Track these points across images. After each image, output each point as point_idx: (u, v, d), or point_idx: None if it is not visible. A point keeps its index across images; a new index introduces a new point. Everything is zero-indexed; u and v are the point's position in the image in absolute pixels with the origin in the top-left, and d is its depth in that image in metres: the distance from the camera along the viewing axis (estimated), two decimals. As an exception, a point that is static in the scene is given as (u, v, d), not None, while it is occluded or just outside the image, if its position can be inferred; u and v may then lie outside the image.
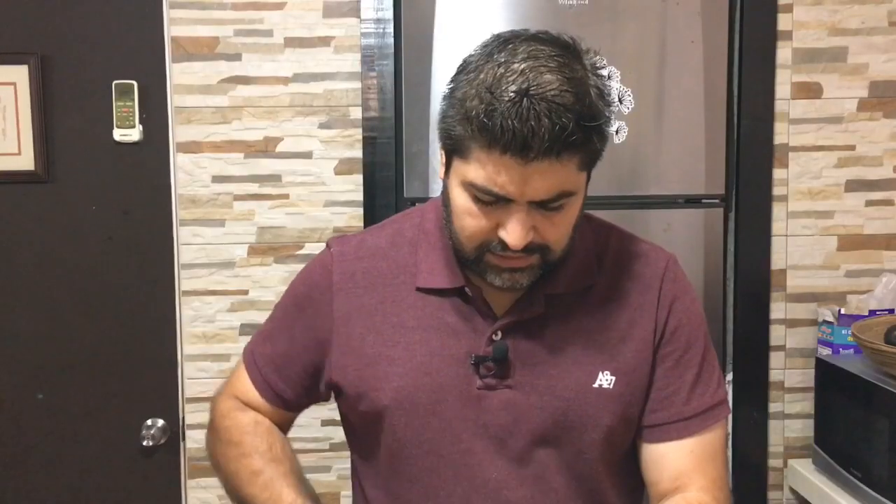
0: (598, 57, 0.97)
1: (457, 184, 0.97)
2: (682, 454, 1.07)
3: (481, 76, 0.92)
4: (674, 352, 1.08)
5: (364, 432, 1.12)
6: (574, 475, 1.06)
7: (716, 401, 1.09)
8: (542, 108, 0.88)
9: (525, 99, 0.88)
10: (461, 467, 1.05)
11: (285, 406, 1.17)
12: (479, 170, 0.93)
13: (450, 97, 0.96)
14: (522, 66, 0.90)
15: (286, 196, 1.97)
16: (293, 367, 1.14)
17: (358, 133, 1.95)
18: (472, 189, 0.94)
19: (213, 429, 1.19)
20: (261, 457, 1.10)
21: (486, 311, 1.05)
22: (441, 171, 1.02)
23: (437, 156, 1.16)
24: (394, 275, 1.09)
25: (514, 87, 0.88)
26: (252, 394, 1.16)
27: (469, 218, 0.97)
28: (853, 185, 1.99)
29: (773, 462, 2.02)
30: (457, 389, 1.04)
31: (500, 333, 1.04)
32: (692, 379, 1.08)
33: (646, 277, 1.09)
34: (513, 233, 0.94)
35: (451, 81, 0.97)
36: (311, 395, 1.16)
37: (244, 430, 1.13)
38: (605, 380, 1.04)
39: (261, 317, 1.95)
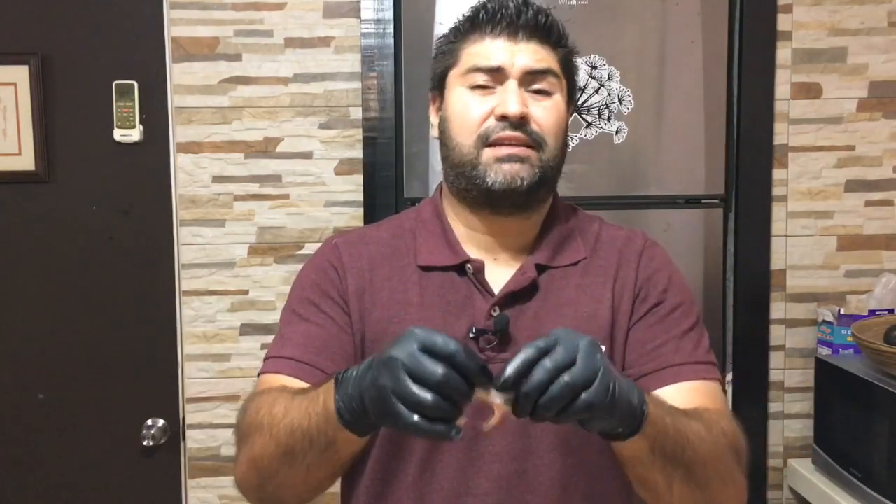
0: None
1: (455, 88, 1.09)
2: (686, 391, 1.06)
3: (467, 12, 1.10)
4: (658, 311, 1.11)
5: None
6: (569, 449, 1.07)
7: (707, 360, 1.10)
8: (524, 1, 1.06)
9: None
10: (458, 440, 1.06)
11: None
12: (472, 57, 1.06)
13: (440, 39, 1.13)
14: None
15: (286, 196, 1.97)
16: (336, 344, 1.08)
17: (358, 133, 1.95)
18: (469, 76, 1.06)
19: (240, 427, 1.03)
20: (290, 393, 0.99)
21: (485, 289, 1.09)
22: (433, 114, 1.16)
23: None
24: (397, 257, 1.13)
25: None
26: (294, 384, 1.03)
27: (467, 109, 1.06)
28: (853, 186, 1.99)
29: (773, 462, 2.03)
30: None
31: (497, 309, 1.07)
32: (679, 334, 1.10)
33: (626, 254, 1.14)
34: (510, 98, 1.03)
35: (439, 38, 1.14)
36: None
37: (270, 392, 1.01)
38: None
39: (261, 317, 1.96)
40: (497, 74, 1.05)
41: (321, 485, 1.02)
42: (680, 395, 1.05)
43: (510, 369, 0.79)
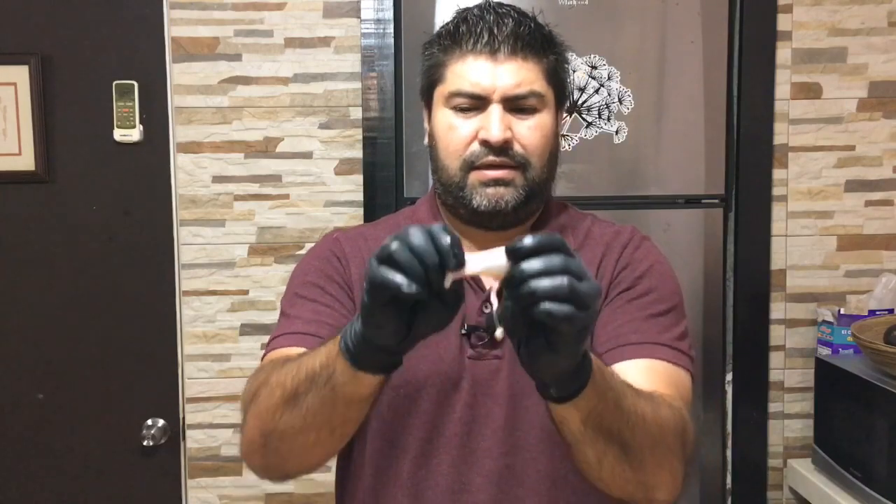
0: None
1: (440, 108, 1.09)
2: (642, 369, 1.02)
3: (450, 19, 1.10)
4: (627, 294, 1.09)
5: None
6: (555, 444, 1.04)
7: (673, 345, 1.06)
8: (504, 12, 1.06)
9: (490, 9, 1.06)
10: (452, 437, 1.07)
11: None
12: (455, 79, 1.06)
13: (426, 46, 1.12)
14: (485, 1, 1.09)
15: (286, 196, 1.97)
16: (344, 325, 1.04)
17: (358, 133, 1.95)
18: (453, 99, 1.06)
19: (246, 393, 1.03)
20: (294, 356, 1.00)
21: (477, 285, 1.10)
22: (426, 123, 1.15)
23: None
24: None
25: (479, 5, 1.08)
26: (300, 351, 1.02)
27: (452, 132, 1.07)
28: (853, 186, 1.99)
29: (773, 462, 2.03)
30: (451, 360, 1.08)
31: (489, 305, 1.08)
32: (644, 317, 1.07)
33: (612, 246, 1.15)
34: (492, 124, 1.04)
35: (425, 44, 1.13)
36: None
37: (276, 361, 1.03)
38: None
39: (261, 317, 1.96)
40: (479, 99, 1.05)
41: (319, 440, 0.96)
42: (636, 372, 1.01)
43: (532, 240, 0.73)
